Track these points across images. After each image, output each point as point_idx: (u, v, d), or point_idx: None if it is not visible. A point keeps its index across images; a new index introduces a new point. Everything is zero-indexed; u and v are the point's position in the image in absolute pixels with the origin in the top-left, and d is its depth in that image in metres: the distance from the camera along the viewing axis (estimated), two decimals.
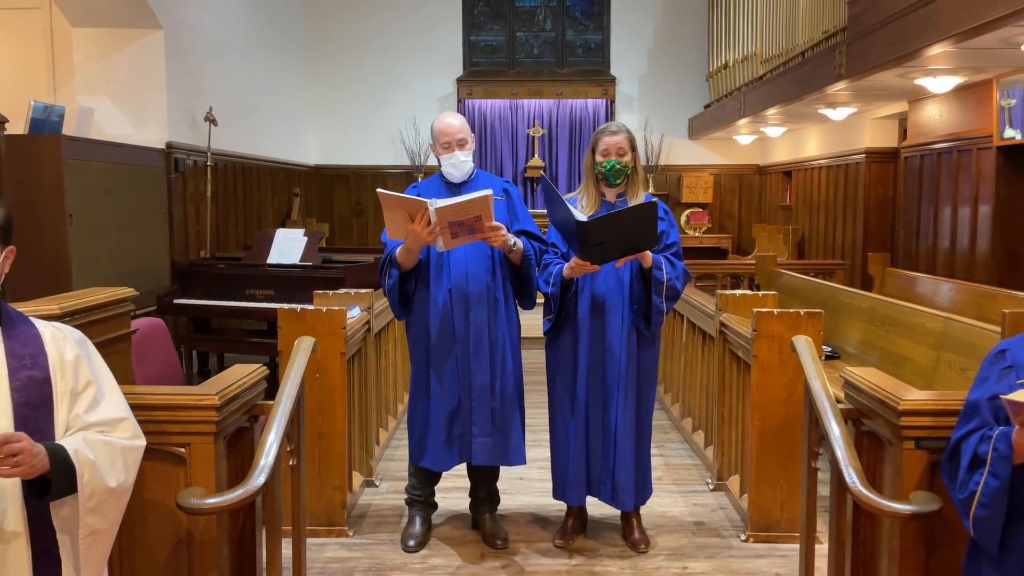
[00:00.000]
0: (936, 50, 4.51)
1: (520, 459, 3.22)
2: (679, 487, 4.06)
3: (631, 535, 3.33)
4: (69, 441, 1.79)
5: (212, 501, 2.24)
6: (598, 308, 3.17)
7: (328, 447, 3.42)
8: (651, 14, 11.61)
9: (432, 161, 11.59)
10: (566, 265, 3.10)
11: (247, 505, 2.63)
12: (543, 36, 11.86)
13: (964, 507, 1.88)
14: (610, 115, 11.63)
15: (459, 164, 3.15)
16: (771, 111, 7.73)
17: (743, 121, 8.85)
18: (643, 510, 3.51)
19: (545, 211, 3.17)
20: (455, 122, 3.17)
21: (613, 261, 3.03)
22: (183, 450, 2.37)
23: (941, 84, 5.34)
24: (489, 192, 2.88)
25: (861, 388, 2.50)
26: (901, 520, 2.30)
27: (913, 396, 2.29)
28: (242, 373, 2.61)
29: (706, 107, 10.92)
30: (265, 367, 2.73)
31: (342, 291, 4.04)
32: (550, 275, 3.17)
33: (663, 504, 3.81)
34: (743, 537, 3.42)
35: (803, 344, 2.78)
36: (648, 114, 11.66)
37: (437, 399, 3.15)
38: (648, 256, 3.08)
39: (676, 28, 11.58)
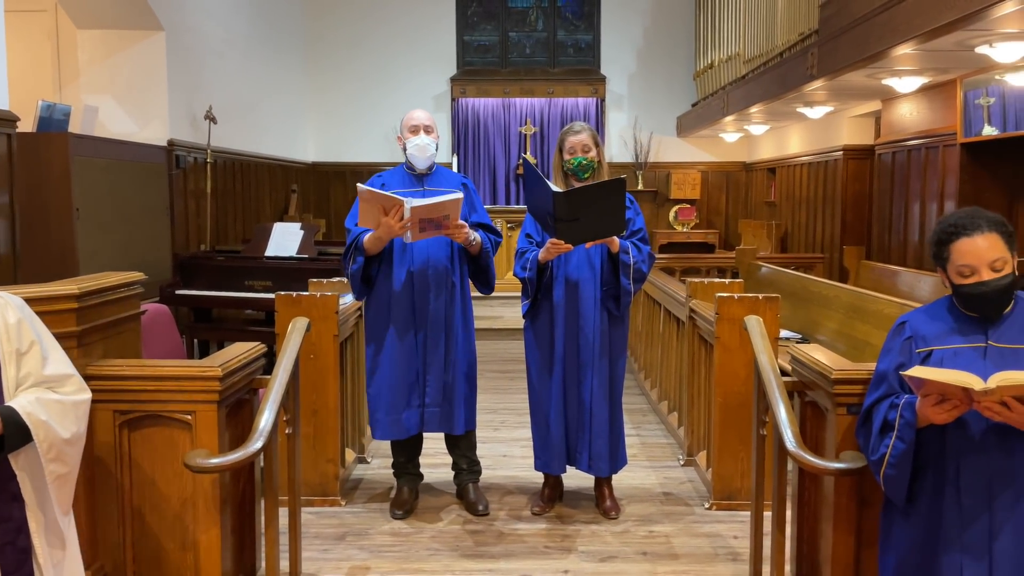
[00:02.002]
0: (898, 52, 4.78)
1: (467, 426, 3.53)
2: (652, 463, 4.33)
3: (603, 503, 3.60)
4: (21, 403, 1.98)
5: (215, 461, 2.50)
6: (572, 291, 3.44)
7: (322, 423, 3.68)
8: (640, 15, 11.86)
9: None
10: (541, 249, 3.36)
11: (247, 470, 2.90)
12: (535, 36, 12.12)
13: (876, 467, 2.14)
14: (600, 113, 11.89)
15: (424, 146, 3.43)
16: (753, 109, 8.00)
17: (728, 119, 9.11)
18: (617, 483, 3.77)
19: (513, 205, 3.47)
20: (422, 113, 3.55)
21: (584, 243, 3.29)
22: (189, 417, 2.64)
23: (907, 84, 5.61)
24: (460, 195, 3.17)
25: (804, 362, 2.77)
26: (835, 478, 2.57)
27: (844, 367, 2.56)
28: (243, 349, 2.88)
29: (693, 105, 11.19)
30: (264, 345, 3.00)
31: (335, 279, 4.30)
32: (526, 261, 3.43)
33: (636, 478, 4.07)
34: (707, 505, 3.68)
35: (753, 323, 3.05)
36: (637, 112, 11.92)
37: (396, 373, 3.41)
38: (615, 241, 3.34)
39: (664, 28, 11.85)
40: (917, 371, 1.93)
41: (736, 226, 11.77)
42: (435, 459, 4.02)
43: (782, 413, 2.63)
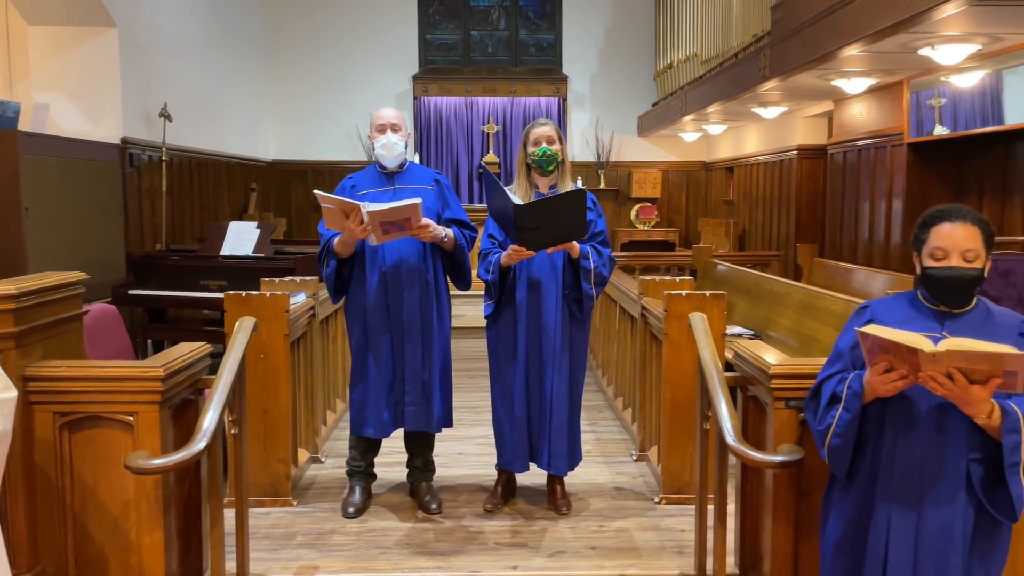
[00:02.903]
0: (845, 53, 4.88)
1: (446, 424, 3.55)
2: (606, 459, 4.38)
3: (554, 499, 3.64)
4: None
5: (156, 462, 2.49)
6: (534, 293, 3.47)
7: (273, 423, 3.67)
8: (602, 15, 11.94)
9: None
10: (503, 253, 3.39)
11: (192, 471, 2.89)
12: (497, 35, 12.14)
13: (821, 437, 2.18)
14: (563, 113, 11.95)
15: (391, 145, 3.44)
16: (710, 109, 8.10)
17: (687, 119, 9.22)
18: (570, 479, 3.81)
19: (476, 204, 3.49)
20: (390, 111, 3.55)
21: (545, 249, 3.33)
22: (131, 418, 2.62)
23: (855, 85, 5.73)
24: (418, 201, 3.18)
25: (745, 358, 2.83)
26: (774, 470, 2.63)
27: (782, 363, 2.62)
28: (187, 349, 2.86)
29: (654, 105, 11.29)
30: (210, 345, 2.98)
31: (288, 279, 4.28)
32: (489, 263, 3.47)
33: (590, 473, 4.11)
34: (656, 499, 3.74)
35: (697, 320, 3.10)
36: (599, 112, 12.00)
37: (375, 373, 3.44)
38: (576, 247, 3.38)
39: (626, 29, 11.94)
40: (870, 328, 1.96)
41: (696, 224, 11.91)
42: (389, 458, 4.02)
43: (722, 408, 2.68)
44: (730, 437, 2.57)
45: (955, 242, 2.01)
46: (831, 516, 2.23)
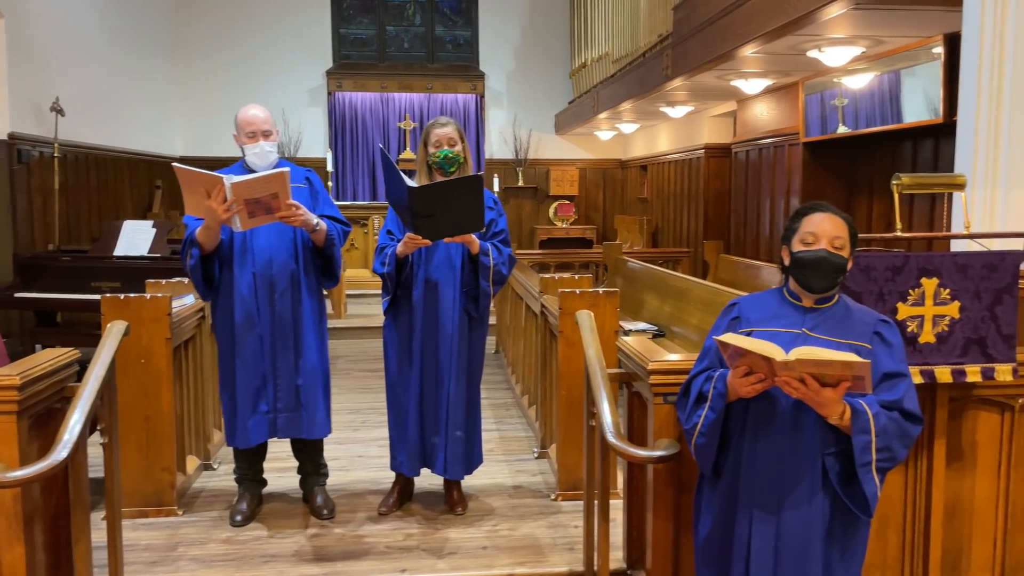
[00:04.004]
0: (740, 54, 4.99)
1: (321, 432, 3.42)
2: (508, 456, 4.37)
3: (451, 500, 3.60)
4: None
5: (13, 475, 2.36)
6: (431, 291, 3.40)
7: (155, 430, 3.53)
8: (517, 13, 11.96)
9: (308, 153, 11.58)
10: (399, 243, 3.31)
11: (58, 483, 2.74)
12: (413, 31, 12.03)
13: (689, 435, 2.22)
14: (480, 110, 11.92)
15: (264, 154, 3.30)
16: (620, 108, 8.20)
17: (601, 117, 9.31)
18: (470, 478, 3.77)
19: (380, 202, 3.39)
20: (260, 113, 3.32)
21: (441, 238, 3.25)
22: None
23: (753, 86, 5.87)
24: (286, 170, 3.04)
25: (628, 354, 2.85)
26: (654, 466, 2.65)
27: (659, 358, 2.64)
28: (50, 356, 2.71)
29: (570, 103, 11.38)
30: (77, 351, 2.84)
31: (176, 279, 4.13)
32: (385, 256, 3.37)
33: (490, 472, 4.09)
34: (552, 497, 3.75)
35: (584, 317, 3.11)
36: (516, 110, 12.02)
37: (243, 379, 3.30)
38: (475, 243, 3.33)
39: (541, 27, 11.99)
40: (726, 337, 2.01)
41: (613, 221, 12.06)
42: (283, 463, 3.92)
43: (604, 405, 2.69)
44: (610, 434, 2.59)
45: (825, 230, 2.10)
46: (701, 513, 2.27)
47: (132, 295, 3.48)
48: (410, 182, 3.14)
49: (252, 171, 3.32)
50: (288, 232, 3.29)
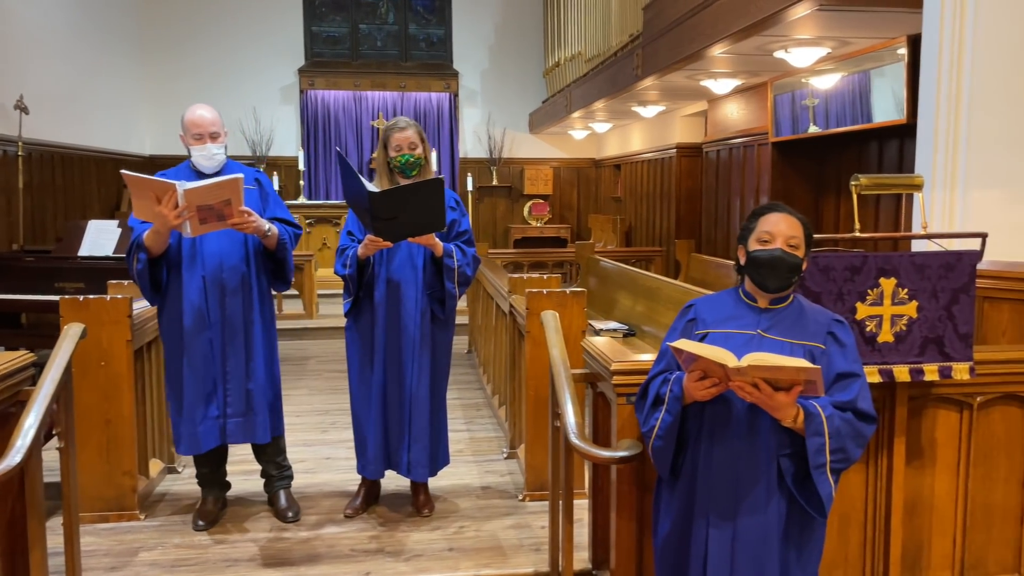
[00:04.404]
0: (708, 54, 5.01)
1: (267, 436, 3.36)
2: (477, 457, 4.36)
3: (417, 502, 3.58)
4: None
5: None
6: (394, 291, 3.37)
7: (116, 434, 3.47)
8: (491, 11, 11.94)
9: (280, 152, 11.49)
10: (360, 244, 3.28)
11: (13, 489, 2.69)
12: (386, 29, 11.97)
13: (646, 438, 2.22)
14: (454, 109, 11.89)
15: (211, 156, 3.24)
16: (592, 107, 8.21)
17: (575, 116, 9.32)
18: (438, 479, 3.75)
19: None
20: (207, 115, 3.25)
21: (403, 239, 3.23)
22: None
23: (722, 86, 5.90)
24: (240, 176, 2.99)
25: (592, 355, 2.85)
26: (617, 466, 2.65)
27: (622, 359, 2.64)
28: (4, 359, 2.66)
29: (544, 102, 11.38)
30: (32, 353, 2.79)
31: None
32: (347, 257, 3.34)
33: (458, 473, 4.07)
34: (520, 497, 3.74)
35: (549, 318, 3.11)
36: (491, 108, 12.00)
37: (192, 384, 3.24)
38: (439, 246, 3.31)
39: (515, 25, 11.98)
40: (680, 343, 2.02)
41: (587, 220, 12.08)
42: (248, 466, 3.88)
43: (567, 405, 2.69)
44: (572, 435, 2.58)
45: (781, 230, 2.11)
46: (660, 516, 2.27)
47: (92, 296, 3.43)
48: (370, 186, 3.11)
49: (199, 172, 3.28)
50: (238, 235, 3.24)
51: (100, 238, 5.85)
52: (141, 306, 3.68)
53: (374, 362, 3.41)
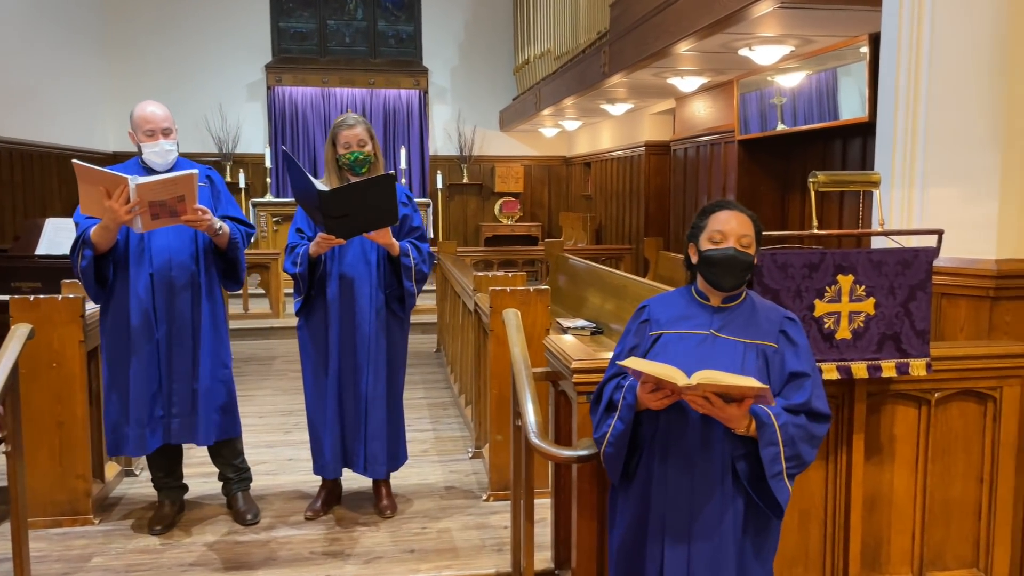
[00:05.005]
0: (674, 52, 5.01)
1: (213, 438, 3.28)
2: (442, 457, 4.32)
3: (379, 502, 3.54)
4: None
5: None
6: (347, 289, 3.32)
7: (69, 436, 3.39)
8: (460, 8, 11.89)
9: (247, 149, 11.35)
10: (312, 242, 3.22)
11: None
12: (355, 25, 11.86)
13: (598, 444, 2.20)
14: (424, 106, 11.82)
15: (163, 153, 3.17)
16: (561, 105, 8.20)
17: (544, 113, 9.30)
18: (401, 480, 3.72)
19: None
20: (159, 111, 3.18)
21: (358, 235, 3.18)
22: None
23: (689, 84, 5.91)
24: (194, 172, 2.93)
25: (554, 353, 2.83)
26: (578, 465, 2.63)
27: (582, 357, 2.62)
28: None
29: (514, 100, 11.35)
30: None
31: None
32: (297, 256, 3.27)
33: (422, 473, 4.04)
34: (484, 497, 3.71)
35: (511, 316, 3.08)
36: (461, 106, 11.95)
37: (137, 384, 3.15)
38: (395, 246, 3.26)
39: (485, 22, 11.93)
40: (629, 362, 2.01)
41: (558, 219, 12.08)
42: (206, 468, 3.80)
43: (527, 404, 2.66)
44: (532, 434, 2.56)
45: (732, 228, 2.10)
46: (616, 518, 2.25)
47: (43, 296, 3.34)
48: (319, 184, 3.06)
49: (149, 170, 3.20)
50: (188, 232, 3.17)
51: (58, 236, 5.72)
52: (95, 307, 3.60)
53: (329, 360, 3.35)
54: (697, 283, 2.18)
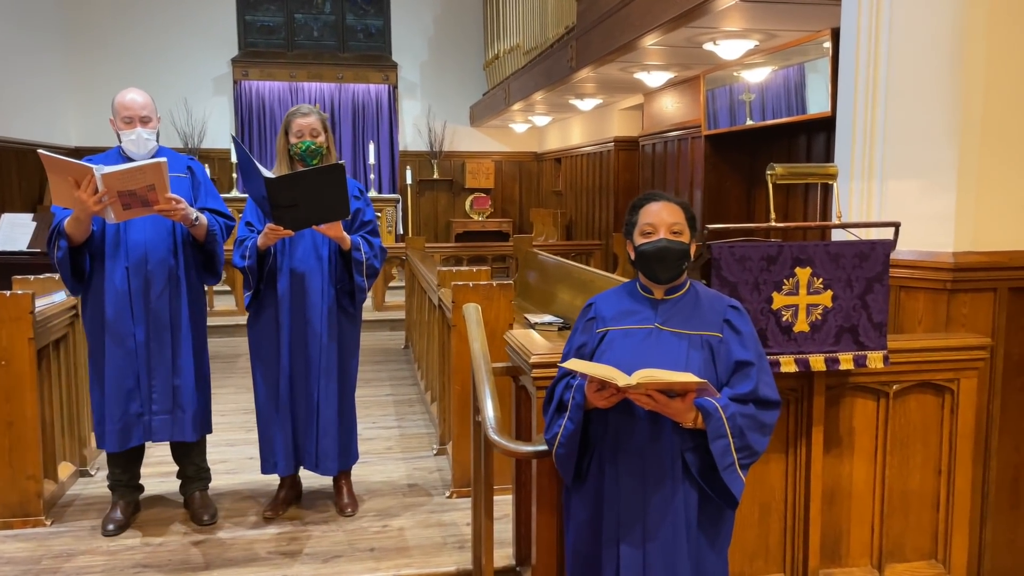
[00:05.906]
0: (639, 46, 5.00)
1: (200, 433, 3.26)
2: (405, 454, 4.27)
3: (339, 500, 3.48)
4: None
5: None
6: (298, 282, 3.25)
7: (19, 436, 3.30)
8: (429, 2, 11.81)
9: (213, 144, 11.19)
10: (260, 234, 3.16)
11: None
12: (323, 19, 11.73)
13: (550, 444, 2.18)
14: (393, 101, 11.73)
15: (141, 142, 3.10)
16: (530, 100, 8.16)
17: (514, 109, 9.27)
18: (362, 478, 3.67)
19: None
20: (139, 98, 3.11)
21: (308, 227, 3.12)
22: None
23: (655, 79, 5.91)
24: (162, 160, 2.86)
25: (513, 348, 2.79)
26: (537, 461, 2.60)
27: (539, 351, 2.59)
28: None
29: (484, 95, 11.30)
30: None
31: (47, 276, 3.88)
32: (246, 248, 3.20)
33: (386, 471, 3.99)
34: (447, 494, 3.67)
35: (471, 311, 3.03)
36: (431, 101, 11.88)
37: (114, 379, 3.11)
38: (347, 240, 3.21)
39: (454, 17, 11.86)
40: (571, 364, 2.00)
41: (529, 215, 12.05)
42: (162, 468, 3.74)
43: (486, 399, 2.62)
44: (491, 429, 2.52)
45: (662, 218, 2.08)
46: (570, 517, 2.23)
47: None
48: (266, 172, 2.99)
49: (128, 159, 3.12)
50: (165, 224, 3.11)
51: (13, 232, 5.59)
52: (46, 302, 3.51)
53: (280, 357, 3.29)
54: (640, 278, 2.17)
